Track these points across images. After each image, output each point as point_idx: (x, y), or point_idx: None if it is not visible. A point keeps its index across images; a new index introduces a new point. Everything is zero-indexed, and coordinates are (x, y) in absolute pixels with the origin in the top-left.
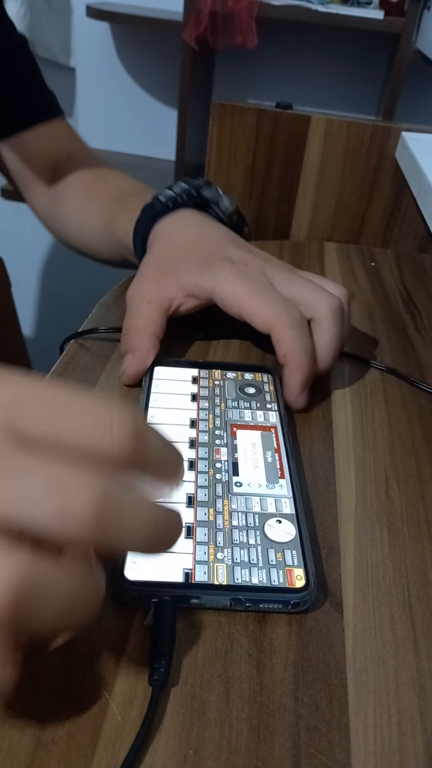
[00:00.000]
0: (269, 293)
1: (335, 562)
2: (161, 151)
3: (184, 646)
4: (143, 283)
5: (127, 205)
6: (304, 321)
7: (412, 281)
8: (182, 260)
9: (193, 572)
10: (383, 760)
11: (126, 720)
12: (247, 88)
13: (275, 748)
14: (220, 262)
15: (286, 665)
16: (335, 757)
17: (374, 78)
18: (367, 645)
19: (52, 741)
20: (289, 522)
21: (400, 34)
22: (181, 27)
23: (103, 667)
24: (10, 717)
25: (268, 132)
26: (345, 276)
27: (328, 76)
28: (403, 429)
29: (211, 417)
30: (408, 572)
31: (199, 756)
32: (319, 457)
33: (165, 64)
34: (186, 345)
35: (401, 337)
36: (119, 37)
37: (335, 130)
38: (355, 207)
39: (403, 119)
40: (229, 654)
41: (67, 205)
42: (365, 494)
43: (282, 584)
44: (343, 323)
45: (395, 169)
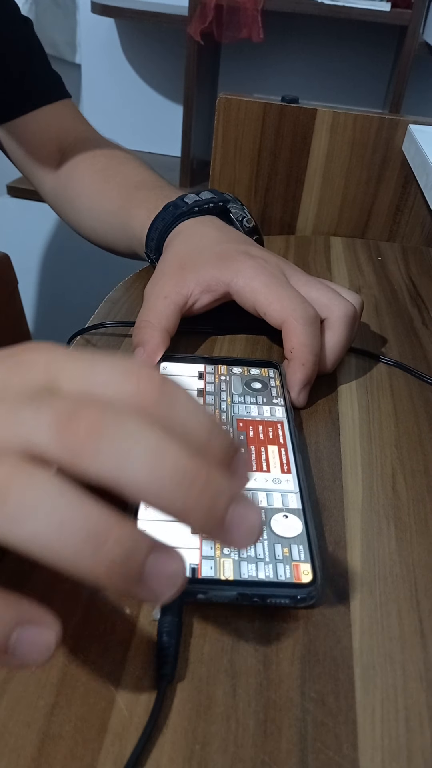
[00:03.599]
0: (285, 289)
1: (342, 557)
2: (167, 147)
3: (190, 641)
4: (162, 278)
5: (146, 197)
6: (317, 320)
7: (418, 275)
8: (202, 257)
9: (200, 567)
10: (390, 755)
11: (132, 715)
12: (253, 82)
13: (282, 743)
14: (239, 256)
15: (292, 660)
16: (342, 752)
17: (381, 70)
18: (374, 640)
19: (58, 735)
20: (296, 517)
21: (406, 26)
22: (186, 21)
23: (110, 662)
24: (17, 712)
25: (274, 126)
26: (351, 270)
27: (335, 69)
28: (409, 423)
29: (217, 412)
30: (415, 567)
31: (205, 751)
32: (326, 451)
33: (170, 60)
34: (192, 340)
35: (408, 331)
36: (124, 33)
37: (341, 123)
38: (362, 200)
39: (410, 112)
40: (236, 649)
41: (79, 188)
42: (372, 488)
43: (289, 579)
44: (353, 330)
45: (402, 162)
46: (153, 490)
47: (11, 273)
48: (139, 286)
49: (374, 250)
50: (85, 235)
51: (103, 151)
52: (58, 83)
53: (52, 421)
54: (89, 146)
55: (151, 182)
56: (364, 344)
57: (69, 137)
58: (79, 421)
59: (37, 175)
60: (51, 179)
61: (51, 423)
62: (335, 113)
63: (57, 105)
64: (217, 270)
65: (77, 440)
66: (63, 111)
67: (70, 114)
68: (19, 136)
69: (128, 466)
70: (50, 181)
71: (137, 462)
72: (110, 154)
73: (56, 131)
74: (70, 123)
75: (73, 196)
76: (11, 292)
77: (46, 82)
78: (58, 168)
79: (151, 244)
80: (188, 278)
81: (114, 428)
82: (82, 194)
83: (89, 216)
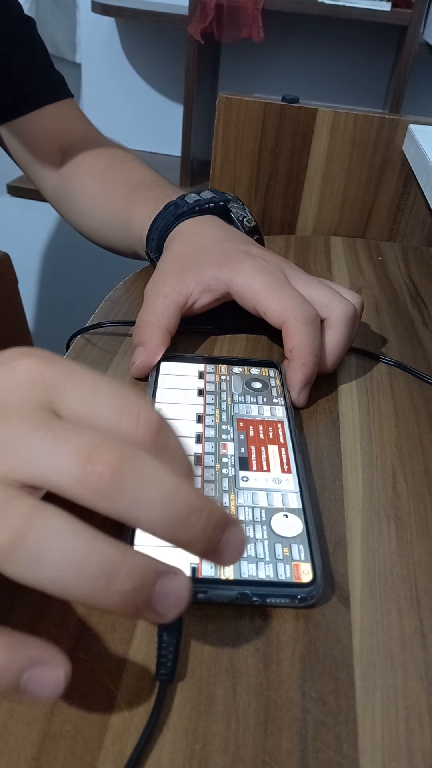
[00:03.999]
0: (286, 288)
1: (342, 557)
2: (167, 146)
3: (190, 641)
4: (162, 278)
5: (147, 196)
6: (317, 319)
7: (419, 275)
8: (202, 257)
9: (200, 566)
10: (391, 754)
11: (133, 714)
12: (253, 81)
13: (282, 743)
14: (240, 256)
15: (293, 660)
16: (342, 752)
17: (381, 70)
18: (375, 639)
19: (59, 735)
20: (296, 516)
21: (407, 26)
22: (187, 21)
23: (110, 662)
24: (17, 711)
25: (274, 126)
26: (351, 270)
27: (335, 69)
28: (410, 423)
29: (217, 412)
30: (415, 566)
31: (206, 750)
32: (326, 451)
33: (170, 59)
34: (192, 340)
35: (408, 331)
36: (124, 33)
37: (342, 123)
38: (362, 200)
39: (411, 111)
40: (236, 648)
41: (81, 187)
42: (372, 488)
43: (289, 579)
44: (353, 330)
45: (402, 162)
46: (165, 526)
47: (11, 272)
48: (140, 285)
49: (374, 250)
50: (86, 234)
51: (104, 150)
52: (60, 83)
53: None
54: (91, 146)
55: (152, 182)
56: (364, 344)
57: (71, 137)
58: (101, 463)
59: (39, 175)
60: (53, 178)
61: (72, 460)
62: (336, 113)
63: (59, 104)
64: (218, 269)
65: (100, 482)
66: (65, 111)
67: (72, 114)
68: (21, 136)
69: (146, 507)
70: (52, 181)
71: (155, 503)
72: (112, 154)
73: (58, 131)
74: (72, 123)
75: (75, 195)
76: (11, 292)
77: (49, 82)
78: (60, 167)
79: (151, 243)
80: (188, 278)
81: (133, 472)
82: (83, 194)
83: (90, 215)
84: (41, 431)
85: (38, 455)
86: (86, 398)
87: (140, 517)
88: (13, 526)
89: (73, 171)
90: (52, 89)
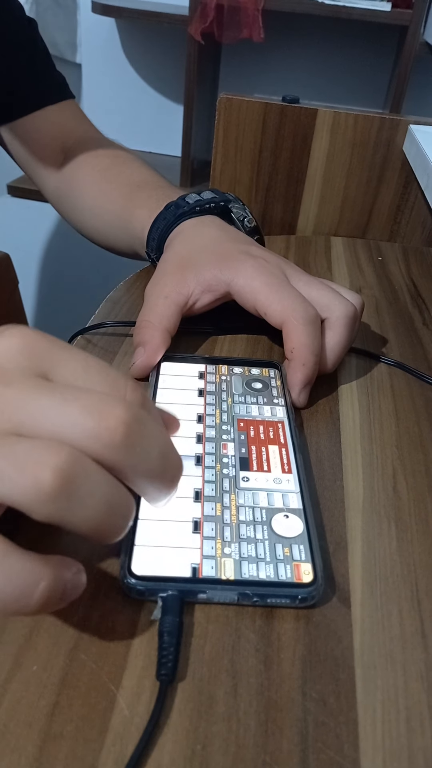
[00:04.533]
0: (286, 289)
1: (343, 557)
2: (167, 146)
3: (191, 641)
4: (163, 278)
5: (148, 196)
6: (317, 320)
7: (419, 275)
8: (203, 257)
9: (201, 567)
10: (391, 755)
11: (134, 715)
12: (254, 82)
13: (283, 743)
14: (240, 256)
15: (293, 660)
16: (343, 752)
17: (381, 71)
18: (375, 640)
19: (60, 735)
20: (297, 517)
21: (407, 26)
22: (187, 21)
23: (111, 662)
24: (18, 712)
25: (274, 126)
26: (352, 270)
27: (335, 69)
28: (410, 423)
29: (218, 412)
30: (416, 567)
31: (206, 751)
32: (326, 451)
33: (171, 59)
34: (192, 340)
35: (408, 332)
36: (125, 33)
37: (342, 123)
38: (362, 200)
39: (411, 112)
40: (237, 649)
41: (82, 187)
42: (373, 489)
43: (289, 579)
44: (354, 330)
45: (403, 163)
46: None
47: (12, 272)
48: (140, 285)
49: (375, 250)
50: (86, 234)
51: (105, 151)
52: (62, 84)
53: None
54: (92, 146)
55: (152, 182)
56: (364, 344)
57: (72, 137)
58: (112, 418)
59: (40, 175)
60: (54, 179)
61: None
62: (336, 113)
63: (61, 105)
64: (218, 270)
65: (115, 436)
66: (66, 111)
67: (73, 114)
68: (22, 136)
69: (148, 459)
70: (53, 181)
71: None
72: (113, 155)
73: (59, 131)
74: (73, 123)
75: (76, 195)
76: (12, 292)
77: (50, 83)
78: (61, 168)
79: (152, 243)
80: (189, 278)
81: (140, 427)
82: (84, 194)
83: (91, 215)
84: (46, 391)
85: (47, 412)
86: (78, 372)
87: (140, 469)
88: (59, 467)
89: (74, 172)
90: (53, 90)
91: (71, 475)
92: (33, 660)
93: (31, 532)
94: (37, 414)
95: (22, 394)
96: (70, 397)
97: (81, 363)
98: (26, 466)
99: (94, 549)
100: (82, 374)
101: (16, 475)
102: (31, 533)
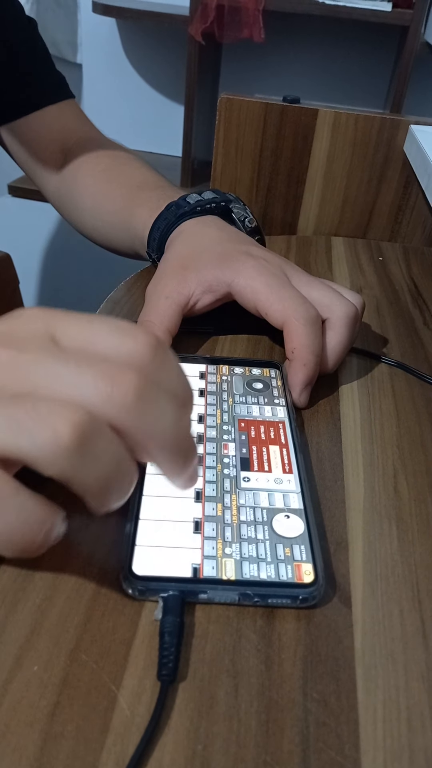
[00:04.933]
0: (287, 289)
1: (344, 557)
2: (168, 147)
3: (192, 641)
4: (164, 278)
5: (149, 197)
6: (318, 320)
7: (420, 275)
8: (203, 258)
9: (202, 567)
10: (392, 755)
11: (134, 715)
12: (254, 82)
13: (284, 743)
14: (241, 256)
15: (294, 660)
16: (344, 753)
17: (382, 71)
18: (376, 640)
19: (61, 735)
20: (298, 517)
21: (408, 26)
22: (188, 21)
23: (112, 662)
24: (18, 712)
25: (275, 126)
26: (352, 270)
27: (336, 69)
28: (411, 423)
29: (218, 412)
30: (417, 567)
31: (207, 751)
32: (327, 451)
33: (171, 60)
34: (193, 340)
35: (409, 332)
36: (125, 33)
37: (343, 123)
38: (363, 201)
39: (412, 112)
40: (238, 649)
41: (82, 188)
42: (373, 489)
43: (290, 579)
44: (354, 330)
45: (403, 163)
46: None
47: (12, 272)
48: (141, 285)
49: (375, 250)
50: (87, 234)
51: (106, 151)
52: (61, 84)
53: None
54: (92, 147)
55: (153, 182)
56: (365, 344)
57: (72, 137)
58: (125, 382)
59: (41, 175)
60: (54, 179)
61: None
62: (336, 113)
63: (60, 105)
64: (219, 270)
65: (127, 399)
66: (66, 111)
67: (73, 114)
68: (22, 136)
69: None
70: (53, 182)
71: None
72: (113, 155)
73: (60, 131)
74: (73, 123)
75: (76, 196)
76: (12, 292)
77: (50, 83)
78: (62, 168)
79: (153, 243)
80: (190, 278)
81: (153, 392)
82: (84, 194)
83: (92, 216)
84: (61, 357)
85: (62, 376)
86: (84, 327)
87: (154, 433)
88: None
89: (75, 172)
90: (53, 90)
91: (88, 431)
92: (34, 660)
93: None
94: (52, 378)
95: (38, 358)
96: (84, 362)
97: (86, 319)
98: (47, 418)
99: (95, 549)
100: (88, 327)
101: (36, 427)
102: None
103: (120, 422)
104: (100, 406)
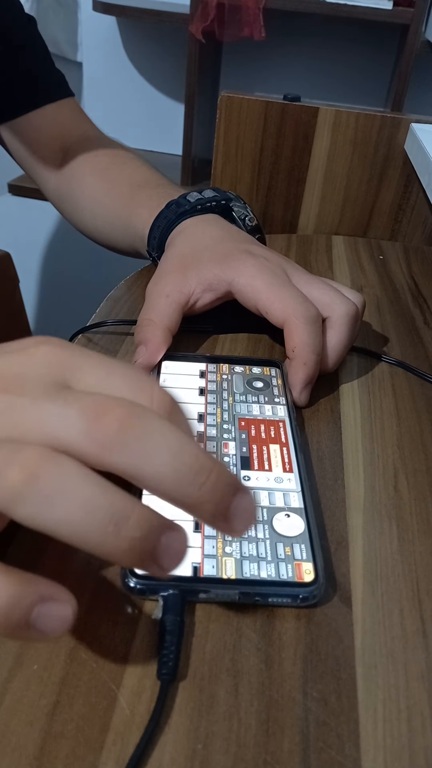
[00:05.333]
0: (287, 288)
1: (344, 556)
2: (168, 145)
3: (192, 640)
4: (164, 277)
5: (149, 195)
6: (319, 319)
7: (420, 274)
8: (204, 256)
9: (202, 566)
10: (393, 754)
11: (134, 714)
12: (255, 80)
13: (284, 743)
14: (241, 255)
15: (294, 659)
16: (344, 752)
17: (383, 69)
18: (377, 639)
19: (60, 734)
20: (298, 516)
21: (408, 24)
22: (188, 20)
23: (112, 661)
24: (18, 711)
25: (275, 124)
26: (353, 269)
27: (336, 68)
28: (411, 422)
29: (219, 411)
30: (417, 566)
31: (207, 750)
32: (328, 450)
33: (172, 58)
34: (193, 339)
35: (410, 331)
36: (126, 31)
37: (343, 121)
38: (363, 199)
39: (412, 110)
40: (238, 648)
41: (83, 186)
42: (374, 488)
43: (291, 578)
44: (355, 329)
45: (404, 161)
46: (173, 481)
47: (12, 271)
48: (141, 284)
49: (376, 249)
50: (87, 233)
51: (106, 150)
52: (61, 82)
53: (81, 416)
54: (92, 145)
55: (153, 181)
56: (365, 343)
57: (72, 136)
58: (108, 417)
59: (41, 174)
60: (54, 178)
61: (80, 418)
62: (337, 112)
63: (60, 104)
64: (219, 269)
65: (107, 434)
66: (66, 110)
67: (73, 113)
68: (22, 135)
69: (153, 460)
70: (53, 180)
71: (162, 456)
72: (113, 153)
73: (59, 130)
74: (73, 122)
75: (76, 194)
76: (12, 291)
77: (50, 81)
78: (61, 167)
79: (153, 242)
80: (190, 277)
81: (141, 425)
82: (84, 193)
83: (92, 214)
84: (54, 397)
85: (49, 417)
86: (102, 378)
87: (147, 472)
88: (27, 466)
89: (75, 170)
90: (52, 88)
91: (38, 473)
92: (34, 659)
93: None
94: (34, 419)
95: (33, 402)
96: (72, 400)
97: (105, 368)
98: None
99: None
100: (106, 378)
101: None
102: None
103: (104, 461)
104: (79, 445)
